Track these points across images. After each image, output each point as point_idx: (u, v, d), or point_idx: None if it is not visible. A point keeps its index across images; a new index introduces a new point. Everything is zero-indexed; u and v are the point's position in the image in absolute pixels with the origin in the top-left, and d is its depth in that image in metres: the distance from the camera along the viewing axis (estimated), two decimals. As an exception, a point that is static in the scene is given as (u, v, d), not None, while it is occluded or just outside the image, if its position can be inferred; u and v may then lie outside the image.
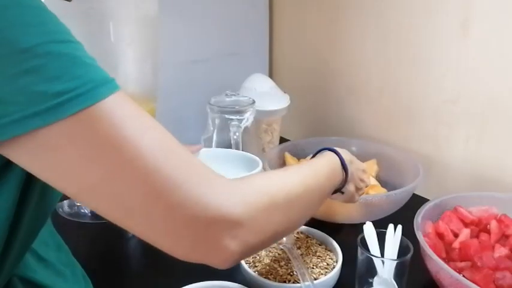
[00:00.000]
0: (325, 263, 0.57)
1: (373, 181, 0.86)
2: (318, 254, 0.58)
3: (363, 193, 0.64)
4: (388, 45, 0.89)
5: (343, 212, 0.74)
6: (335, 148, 0.57)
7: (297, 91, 1.16)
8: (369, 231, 0.56)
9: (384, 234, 0.56)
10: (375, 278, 0.54)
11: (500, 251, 0.59)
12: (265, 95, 0.91)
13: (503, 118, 0.73)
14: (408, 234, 0.57)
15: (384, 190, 0.83)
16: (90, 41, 0.73)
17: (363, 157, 0.91)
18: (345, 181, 0.56)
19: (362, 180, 0.61)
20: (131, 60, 0.78)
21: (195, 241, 0.34)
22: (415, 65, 0.85)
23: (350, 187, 0.58)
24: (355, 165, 0.59)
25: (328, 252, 0.60)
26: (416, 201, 0.72)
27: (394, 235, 0.56)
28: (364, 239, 0.55)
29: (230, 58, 1.14)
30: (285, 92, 0.97)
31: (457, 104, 0.79)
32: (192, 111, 1.06)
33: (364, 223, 0.58)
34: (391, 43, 0.88)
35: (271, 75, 1.24)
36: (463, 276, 0.56)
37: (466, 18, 0.74)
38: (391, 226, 0.56)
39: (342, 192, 0.58)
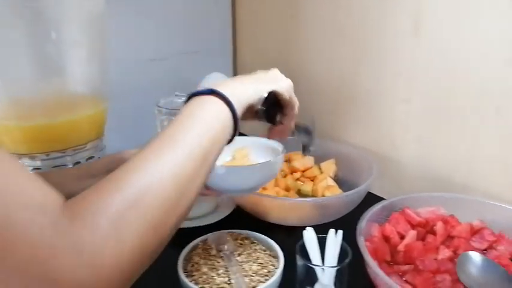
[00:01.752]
0: (265, 270, 0.55)
1: (330, 182, 0.85)
2: (259, 260, 0.57)
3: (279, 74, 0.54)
4: (345, 43, 0.88)
5: (296, 214, 0.73)
6: (198, 90, 0.43)
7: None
8: (309, 237, 0.54)
9: (325, 239, 0.55)
10: (316, 285, 0.53)
11: (444, 253, 0.59)
12: (221, 95, 0.89)
13: (454, 118, 0.72)
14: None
15: (339, 191, 0.82)
16: (30, 42, 0.71)
17: (322, 157, 0.90)
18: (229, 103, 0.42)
19: (262, 76, 0.51)
20: (77, 61, 0.76)
21: None
22: (371, 64, 0.84)
23: (255, 87, 0.46)
24: (235, 78, 0.47)
25: (272, 259, 0.58)
26: (373, 201, 0.71)
27: (334, 240, 0.55)
28: (304, 245, 0.54)
29: (191, 56, 1.12)
30: (243, 91, 0.95)
31: (410, 104, 0.78)
32: (150, 111, 1.03)
33: (320, 225, 0.56)
34: (347, 41, 0.87)
35: (235, 74, 1.23)
36: (405, 280, 0.56)
37: (418, 17, 0.73)
38: (331, 231, 0.55)
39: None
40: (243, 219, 0.76)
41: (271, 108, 0.51)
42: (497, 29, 0.64)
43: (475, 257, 0.57)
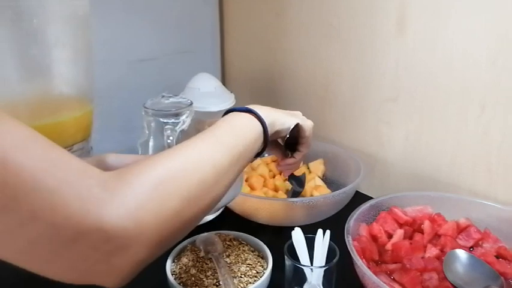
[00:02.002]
0: (254, 271, 0.55)
1: (318, 182, 0.85)
2: (247, 261, 0.57)
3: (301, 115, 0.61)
4: (331, 42, 0.88)
5: (284, 215, 0.73)
6: (234, 108, 0.51)
7: (249, 90, 1.15)
8: (297, 238, 0.54)
9: (314, 239, 0.55)
10: (305, 285, 0.53)
11: (431, 251, 0.60)
12: (209, 95, 0.89)
13: (440, 116, 0.73)
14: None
15: (328, 191, 0.82)
16: (13, 42, 0.69)
17: (310, 157, 0.91)
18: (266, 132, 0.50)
19: (289, 111, 0.58)
20: (61, 61, 0.74)
21: (78, 264, 0.30)
22: (357, 63, 0.84)
23: (286, 118, 0.54)
24: (267, 107, 0.54)
25: (260, 259, 0.58)
26: (361, 200, 0.72)
27: (322, 240, 0.55)
28: (293, 245, 0.54)
29: (181, 56, 1.11)
30: (231, 92, 0.95)
31: (396, 103, 0.79)
32: (137, 113, 1.03)
33: (309, 224, 0.56)
34: (333, 40, 0.88)
35: (223, 74, 1.22)
36: (393, 279, 0.56)
37: (402, 17, 0.74)
38: (319, 231, 0.55)
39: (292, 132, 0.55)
40: (231, 220, 0.75)
41: (291, 141, 0.58)
42: (481, 28, 0.64)
43: (462, 254, 0.57)
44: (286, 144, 0.58)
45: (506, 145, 0.66)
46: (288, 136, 0.56)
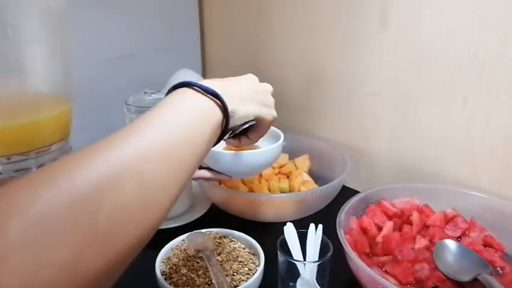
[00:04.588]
0: (246, 268, 0.54)
1: (305, 177, 0.85)
2: (239, 259, 0.56)
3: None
4: (313, 37, 0.88)
5: (272, 210, 0.72)
6: (187, 81, 0.39)
7: (231, 86, 1.13)
8: (290, 233, 0.54)
9: (306, 234, 0.55)
10: (298, 280, 0.53)
11: (421, 242, 0.60)
12: (192, 92, 0.87)
13: (422, 109, 0.74)
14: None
15: (315, 186, 0.82)
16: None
17: (295, 152, 0.90)
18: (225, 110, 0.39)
19: (258, 92, 0.47)
20: (36, 58, 0.71)
21: None
22: (341, 57, 0.84)
23: (249, 108, 0.43)
24: (234, 86, 0.44)
25: (252, 256, 0.57)
26: (348, 194, 0.72)
27: (315, 235, 0.54)
28: (285, 240, 0.54)
29: (160, 53, 1.09)
30: (214, 88, 0.93)
31: (380, 96, 0.79)
32: (118, 110, 1.00)
33: (297, 220, 0.55)
34: (315, 35, 0.87)
35: (204, 70, 1.21)
36: (385, 270, 0.56)
37: (385, 11, 0.74)
38: (312, 226, 0.55)
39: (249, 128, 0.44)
40: (219, 217, 0.74)
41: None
42: (463, 22, 0.65)
43: (451, 244, 0.58)
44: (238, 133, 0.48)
45: (489, 136, 0.67)
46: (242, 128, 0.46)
